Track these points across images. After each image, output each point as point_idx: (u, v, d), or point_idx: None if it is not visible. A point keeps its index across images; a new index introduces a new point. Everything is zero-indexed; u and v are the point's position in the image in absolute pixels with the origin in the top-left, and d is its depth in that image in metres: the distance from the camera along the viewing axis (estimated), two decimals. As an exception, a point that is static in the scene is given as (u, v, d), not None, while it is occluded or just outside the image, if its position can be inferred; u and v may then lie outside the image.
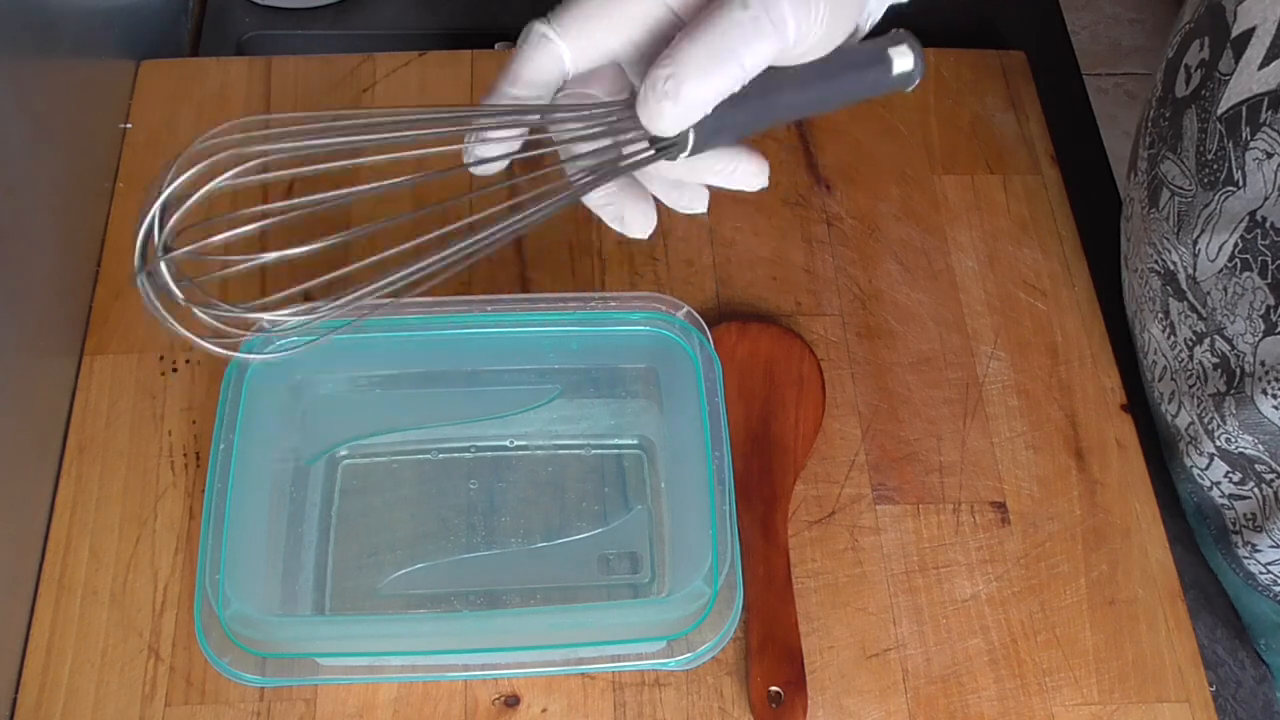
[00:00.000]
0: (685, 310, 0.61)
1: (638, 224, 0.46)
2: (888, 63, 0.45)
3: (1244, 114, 0.53)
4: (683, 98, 0.39)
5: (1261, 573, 0.63)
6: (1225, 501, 0.63)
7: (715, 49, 0.39)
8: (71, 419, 0.66)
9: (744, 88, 0.42)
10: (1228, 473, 0.62)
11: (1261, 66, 0.52)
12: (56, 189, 0.68)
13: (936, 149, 0.78)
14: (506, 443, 0.66)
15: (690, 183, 0.46)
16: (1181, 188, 0.59)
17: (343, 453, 0.65)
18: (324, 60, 0.80)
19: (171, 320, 0.42)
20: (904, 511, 0.65)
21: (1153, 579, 0.64)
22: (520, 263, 0.72)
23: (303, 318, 0.42)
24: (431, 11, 0.91)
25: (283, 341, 0.44)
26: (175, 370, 0.67)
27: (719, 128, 0.42)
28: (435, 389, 0.65)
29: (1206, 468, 0.63)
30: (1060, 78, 0.85)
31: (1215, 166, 0.56)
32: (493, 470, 0.65)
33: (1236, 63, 0.53)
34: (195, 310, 0.42)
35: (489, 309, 0.61)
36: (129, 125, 0.77)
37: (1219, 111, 0.55)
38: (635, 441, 0.66)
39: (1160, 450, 0.69)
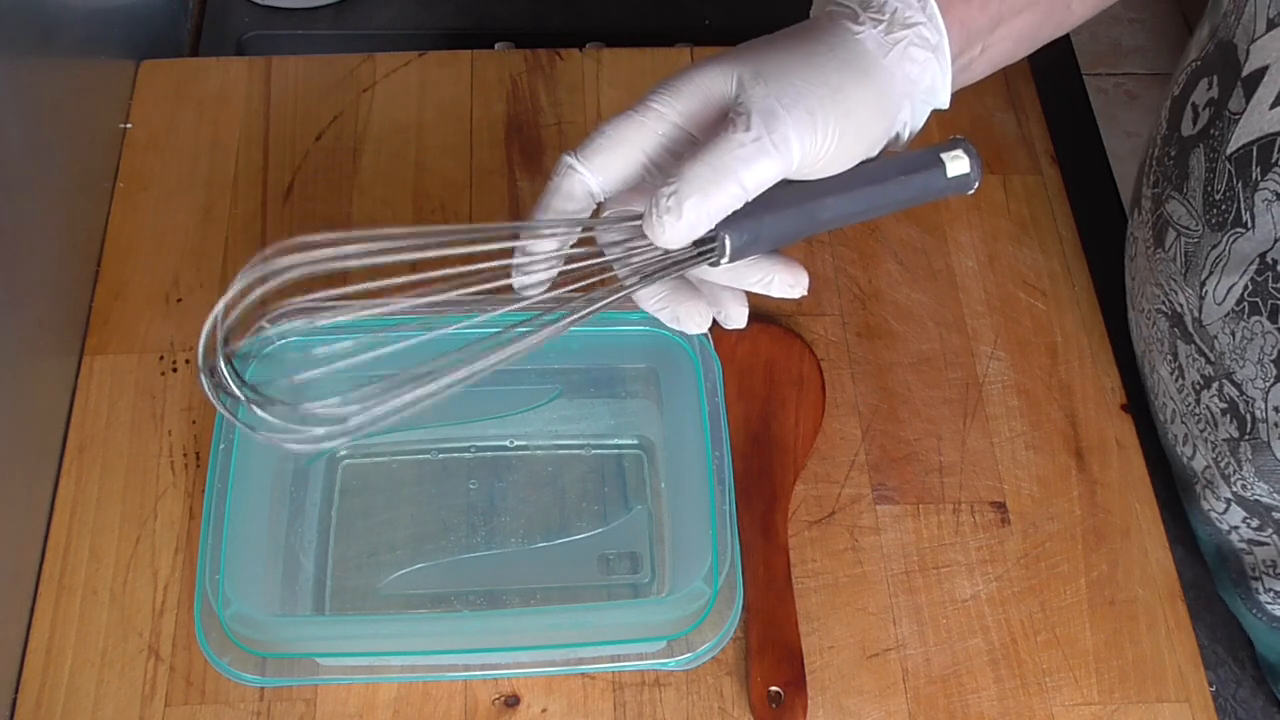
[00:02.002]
0: (685, 310, 0.61)
1: (693, 321, 0.48)
2: (941, 167, 0.46)
3: (1254, 154, 0.52)
4: (684, 214, 0.41)
5: None
6: (1244, 546, 0.62)
7: (716, 169, 0.41)
8: (71, 419, 0.66)
9: (784, 197, 0.44)
10: (1245, 518, 0.61)
11: (1273, 106, 0.50)
12: (56, 189, 0.68)
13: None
14: (506, 443, 0.66)
15: (731, 292, 0.49)
16: (1188, 228, 0.57)
17: (343, 453, 0.65)
18: (324, 60, 0.80)
19: (230, 414, 0.45)
20: (904, 511, 0.65)
21: (1153, 579, 0.64)
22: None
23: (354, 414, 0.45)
24: (431, 11, 0.91)
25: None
26: (175, 370, 0.67)
27: (756, 237, 0.44)
28: (435, 389, 0.65)
29: (1224, 512, 0.62)
30: (1060, 78, 0.84)
31: (1224, 207, 0.54)
32: (493, 470, 0.65)
33: (1247, 102, 0.52)
34: (256, 410, 0.44)
35: (489, 309, 0.61)
36: (129, 125, 0.77)
37: (1228, 151, 0.54)
38: (635, 441, 0.66)
39: (1175, 487, 0.68)
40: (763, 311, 0.71)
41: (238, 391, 0.44)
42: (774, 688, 0.59)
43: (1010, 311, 0.72)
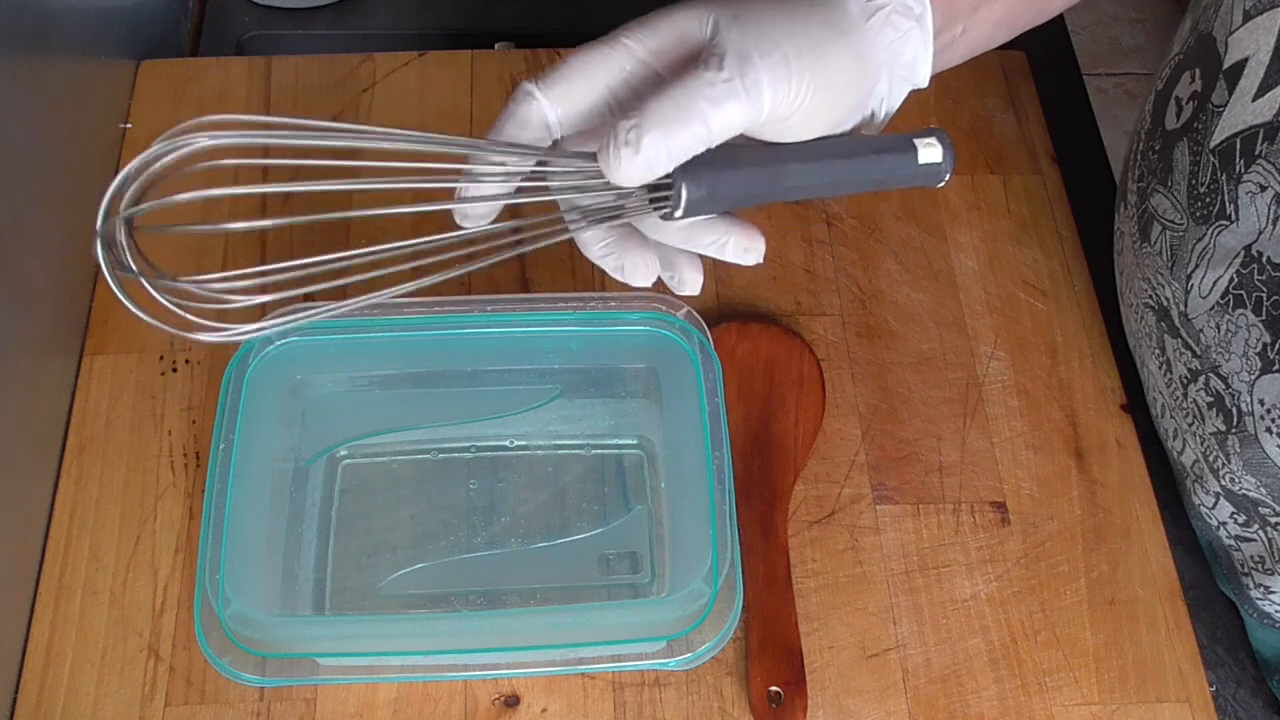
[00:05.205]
0: (685, 310, 0.61)
1: (639, 272, 0.46)
2: (913, 152, 0.45)
3: (1238, 146, 0.52)
4: (643, 148, 0.39)
5: (1278, 612, 0.63)
6: (1232, 543, 0.62)
7: (682, 105, 0.40)
8: (71, 419, 0.66)
9: (748, 156, 0.42)
10: (1233, 514, 0.61)
11: (1255, 98, 0.51)
12: (56, 189, 0.68)
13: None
14: (506, 443, 0.66)
15: (687, 256, 0.47)
16: (1173, 222, 0.58)
17: (343, 453, 0.65)
18: (324, 60, 0.80)
19: (126, 298, 0.41)
20: (904, 511, 0.65)
21: (1153, 579, 0.64)
22: (520, 263, 0.72)
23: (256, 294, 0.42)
24: (431, 11, 0.91)
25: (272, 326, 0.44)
26: (175, 370, 0.67)
27: (714, 192, 0.42)
28: (435, 389, 0.65)
29: (1214, 507, 0.62)
30: (1060, 78, 0.85)
31: (1208, 200, 0.54)
32: (493, 470, 0.65)
33: (1230, 94, 0.52)
34: (149, 284, 0.41)
35: (489, 309, 0.61)
36: (129, 125, 0.77)
37: (1212, 144, 0.54)
38: (635, 441, 0.66)
39: (1175, 486, 0.68)
40: (763, 311, 0.71)
41: (133, 264, 0.40)
42: (774, 688, 0.59)
43: (1010, 311, 0.72)
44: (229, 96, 0.78)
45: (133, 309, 0.41)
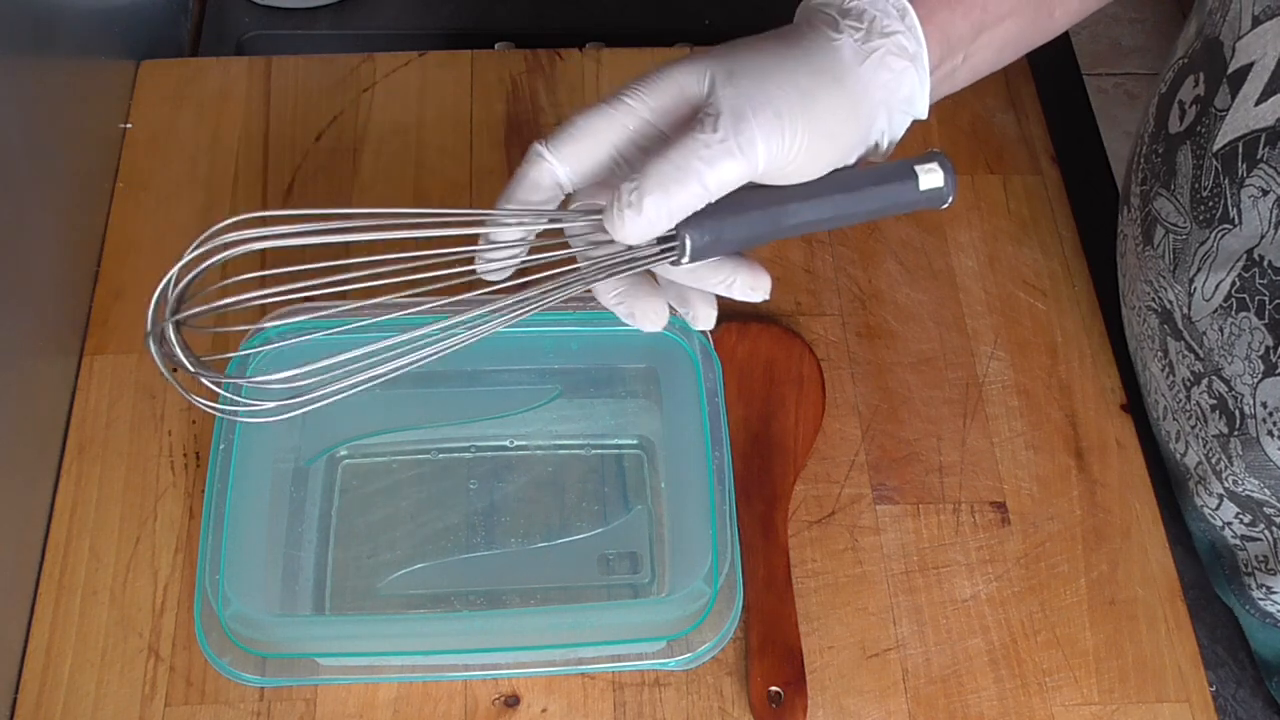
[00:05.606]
0: (685, 310, 0.61)
1: (648, 319, 0.48)
2: (914, 179, 0.46)
3: (1240, 150, 0.52)
4: (644, 209, 0.41)
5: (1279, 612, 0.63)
6: (1238, 542, 0.62)
7: (679, 167, 0.42)
8: (71, 419, 0.66)
9: (750, 200, 0.44)
10: (1238, 514, 0.61)
11: (1259, 102, 0.51)
12: (56, 189, 0.68)
13: (936, 149, 0.78)
14: (506, 443, 0.66)
15: (696, 292, 0.48)
16: (1176, 225, 0.58)
17: (343, 453, 0.65)
18: (324, 60, 0.80)
19: (175, 381, 0.45)
20: (904, 511, 0.65)
21: (1153, 579, 0.64)
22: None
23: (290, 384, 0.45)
24: (431, 11, 0.91)
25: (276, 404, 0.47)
26: (175, 370, 0.67)
27: (718, 238, 0.44)
28: (435, 389, 0.65)
29: (1217, 508, 0.62)
30: (1060, 78, 0.85)
31: (1211, 204, 0.54)
32: (493, 470, 0.65)
33: (1233, 98, 0.52)
34: (200, 376, 0.44)
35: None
36: (129, 125, 0.77)
37: (1215, 148, 0.54)
38: (635, 441, 0.66)
39: (1170, 485, 0.69)
40: (763, 311, 0.71)
41: (184, 359, 0.43)
42: (774, 688, 0.59)
43: (1010, 311, 0.72)
44: (229, 97, 0.78)
45: (191, 398, 0.46)
